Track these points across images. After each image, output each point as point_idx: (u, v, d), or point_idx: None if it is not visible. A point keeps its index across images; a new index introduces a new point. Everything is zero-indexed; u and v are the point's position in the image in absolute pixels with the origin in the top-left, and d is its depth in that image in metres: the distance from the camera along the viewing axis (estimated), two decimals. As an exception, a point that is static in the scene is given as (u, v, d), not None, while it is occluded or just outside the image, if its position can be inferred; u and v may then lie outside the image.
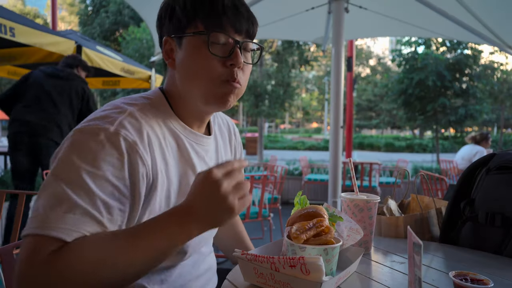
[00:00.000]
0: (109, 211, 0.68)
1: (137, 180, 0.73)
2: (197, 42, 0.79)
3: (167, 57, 0.84)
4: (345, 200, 1.00)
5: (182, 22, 0.80)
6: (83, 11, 33.03)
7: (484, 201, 1.10)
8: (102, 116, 0.74)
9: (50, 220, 0.63)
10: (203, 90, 0.81)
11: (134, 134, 0.73)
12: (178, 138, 0.84)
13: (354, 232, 0.94)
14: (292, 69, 13.07)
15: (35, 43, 3.25)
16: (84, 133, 0.71)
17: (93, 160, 0.68)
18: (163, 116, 0.83)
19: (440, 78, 10.95)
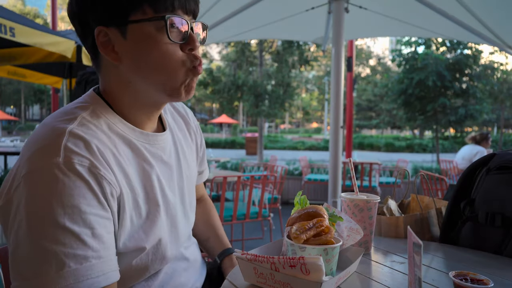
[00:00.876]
0: (101, 241, 0.65)
1: (110, 200, 0.68)
2: (148, 29, 0.69)
3: (105, 50, 0.71)
4: (345, 200, 1.00)
5: (124, 8, 0.68)
6: (83, 11, 33.01)
7: (484, 201, 1.10)
8: (41, 148, 0.65)
9: (48, 285, 0.59)
10: (165, 83, 0.73)
11: (86, 156, 0.65)
12: (129, 142, 0.76)
13: (354, 232, 0.93)
14: (292, 69, 13.07)
15: (35, 43, 3.25)
16: (34, 178, 0.62)
17: (61, 201, 0.61)
18: (106, 123, 0.74)
19: (440, 78, 10.95)
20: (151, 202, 0.78)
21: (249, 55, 13.28)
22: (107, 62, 0.74)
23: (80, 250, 0.61)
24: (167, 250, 0.83)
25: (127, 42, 0.71)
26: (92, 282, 0.62)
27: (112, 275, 0.66)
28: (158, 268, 0.85)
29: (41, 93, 37.33)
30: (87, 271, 0.62)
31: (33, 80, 5.84)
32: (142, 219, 0.77)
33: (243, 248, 3.45)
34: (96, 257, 0.63)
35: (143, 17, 0.69)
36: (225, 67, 15.58)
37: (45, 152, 0.64)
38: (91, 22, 0.71)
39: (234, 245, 3.91)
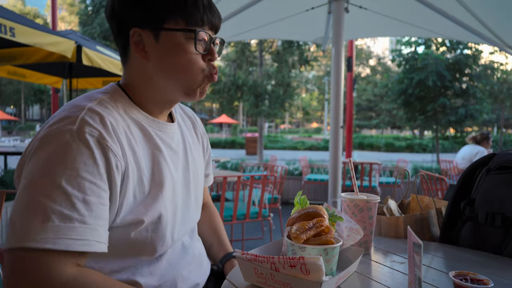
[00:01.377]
0: (90, 208, 0.68)
1: (113, 172, 0.73)
2: (179, 38, 0.81)
3: (137, 48, 0.82)
4: (345, 200, 1.00)
5: (160, 16, 0.79)
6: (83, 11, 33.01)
7: (484, 201, 1.10)
8: (62, 118, 0.73)
9: (30, 233, 0.63)
10: (185, 84, 0.84)
11: (98, 128, 0.73)
12: (142, 127, 0.85)
13: (354, 232, 0.94)
14: (292, 69, 13.08)
15: (35, 43, 3.25)
16: (48, 139, 0.70)
17: (64, 162, 0.67)
18: (123, 107, 0.83)
19: (440, 78, 10.95)
20: (155, 183, 0.83)
21: (249, 55, 13.29)
22: (135, 59, 0.84)
23: (67, 210, 0.66)
24: (167, 230, 0.85)
25: (158, 45, 0.81)
26: (69, 243, 0.65)
27: (93, 244, 0.68)
28: (160, 251, 0.86)
29: (41, 93, 37.33)
30: (68, 230, 0.65)
31: (33, 80, 5.84)
32: (145, 196, 0.81)
33: (243, 248, 3.45)
34: (80, 221, 0.67)
35: (176, 27, 0.80)
36: (225, 67, 15.58)
37: (64, 121, 0.72)
38: (128, 22, 0.81)
39: (234, 245, 3.91)
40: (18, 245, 0.64)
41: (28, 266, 0.64)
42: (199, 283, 0.98)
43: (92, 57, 4.09)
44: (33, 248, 0.63)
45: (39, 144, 0.71)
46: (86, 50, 3.98)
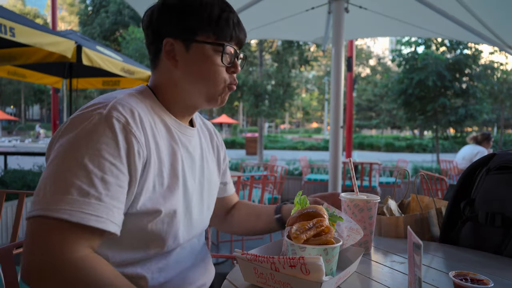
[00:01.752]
0: (107, 187, 0.72)
1: (133, 158, 0.77)
2: (208, 50, 0.88)
3: (168, 57, 0.89)
4: (345, 200, 1.00)
5: (194, 29, 0.87)
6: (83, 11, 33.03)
7: (484, 201, 1.10)
8: (94, 104, 0.80)
9: (49, 203, 0.67)
10: (208, 91, 0.91)
11: (125, 115, 0.78)
12: (165, 124, 0.90)
13: (354, 232, 0.94)
14: (292, 69, 13.07)
15: (35, 43, 3.25)
16: (78, 120, 0.76)
17: (89, 141, 0.72)
18: (150, 104, 0.89)
19: (440, 78, 10.94)
20: (174, 178, 0.88)
21: (249, 55, 13.28)
22: (164, 65, 0.91)
23: (85, 186, 0.70)
24: (180, 226, 0.89)
25: (189, 55, 0.89)
26: (83, 216, 0.68)
27: (106, 223, 0.71)
28: (171, 246, 0.89)
29: (41, 93, 37.33)
30: (83, 205, 0.69)
31: (33, 80, 5.84)
32: (163, 188, 0.85)
33: (243, 248, 3.45)
34: (97, 198, 0.70)
35: (207, 40, 0.88)
36: (225, 67, 15.45)
37: (96, 106, 0.79)
38: (163, 32, 0.89)
39: (234, 245, 3.91)
40: (37, 213, 0.68)
41: (44, 235, 0.67)
42: (205, 283, 1.01)
43: (92, 57, 4.09)
44: (50, 216, 0.67)
45: (69, 123, 0.76)
46: (86, 50, 3.98)
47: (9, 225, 3.59)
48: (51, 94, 7.78)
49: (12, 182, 4.19)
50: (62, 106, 15.08)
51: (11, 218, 3.60)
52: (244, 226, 1.21)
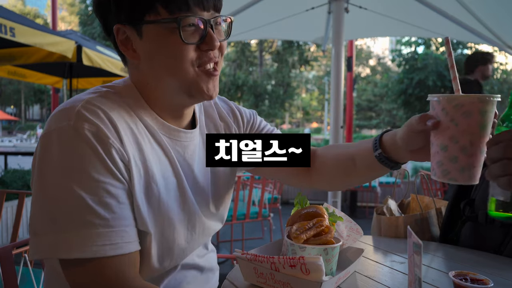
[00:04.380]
0: (110, 209, 0.64)
1: (120, 167, 0.67)
2: (162, 29, 0.68)
3: (125, 48, 0.72)
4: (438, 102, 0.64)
5: (137, 8, 0.67)
6: (83, 11, 33.05)
7: (484, 201, 1.10)
8: (58, 113, 0.67)
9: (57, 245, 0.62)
10: (181, 83, 0.71)
11: (95, 121, 0.65)
12: (151, 128, 0.74)
13: (354, 232, 0.94)
14: (292, 69, 13.09)
15: (35, 43, 3.25)
16: (48, 138, 0.65)
17: (69, 165, 0.63)
18: (130, 104, 0.73)
19: (440, 78, 10.96)
20: (167, 192, 0.75)
21: (249, 55, 13.29)
22: (129, 60, 0.75)
23: (88, 216, 0.62)
24: (176, 248, 0.78)
25: (143, 42, 0.70)
26: (96, 250, 0.62)
27: (123, 246, 0.65)
28: (167, 267, 0.80)
29: (41, 93, 37.32)
30: (93, 237, 0.62)
31: (33, 80, 5.84)
32: (156, 205, 0.73)
33: (243, 248, 3.45)
34: (104, 226, 0.63)
35: (157, 18, 0.67)
36: (225, 67, 15.59)
37: (60, 116, 0.66)
38: (110, 19, 0.71)
39: (234, 245, 3.91)
40: (44, 256, 0.63)
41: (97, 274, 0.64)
42: None
43: (92, 57, 4.09)
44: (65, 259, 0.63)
45: (40, 145, 0.66)
46: (86, 50, 3.98)
47: (9, 225, 3.59)
48: (51, 94, 7.78)
49: (12, 182, 4.18)
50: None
51: (11, 218, 3.60)
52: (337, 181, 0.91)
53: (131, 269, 0.67)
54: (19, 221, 1.71)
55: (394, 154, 0.74)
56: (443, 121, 0.62)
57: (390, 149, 0.74)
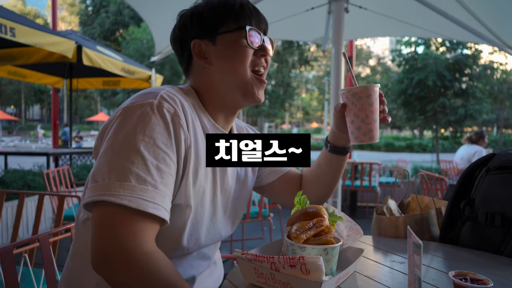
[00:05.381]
0: (162, 175, 0.74)
1: (181, 148, 0.80)
2: (233, 37, 0.89)
3: (199, 57, 0.91)
4: (343, 92, 0.94)
5: (213, 25, 0.90)
6: (83, 11, 33.05)
7: (484, 201, 1.10)
8: (144, 94, 0.82)
9: (110, 188, 0.70)
10: (240, 81, 0.90)
11: (173, 105, 0.80)
12: (204, 126, 0.90)
13: (354, 232, 0.94)
14: (292, 69, 13.09)
15: (35, 43, 3.25)
16: (131, 109, 0.78)
17: (143, 130, 0.75)
18: (192, 103, 0.90)
19: (440, 78, 10.94)
20: (206, 180, 0.88)
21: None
22: (198, 67, 0.93)
23: (143, 173, 0.72)
24: (203, 231, 0.90)
25: (217, 48, 0.90)
26: (142, 203, 0.70)
27: (161, 210, 0.73)
28: (192, 249, 0.90)
29: (41, 93, 37.32)
30: (141, 191, 0.71)
31: (33, 80, 5.84)
32: (196, 187, 0.85)
33: (243, 248, 3.45)
34: (153, 185, 0.73)
35: (228, 29, 0.89)
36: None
37: (146, 96, 0.81)
38: (188, 38, 0.92)
39: (234, 245, 3.91)
40: (98, 198, 0.70)
41: (114, 224, 0.69)
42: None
43: (93, 57, 4.10)
44: (111, 202, 0.69)
45: (122, 112, 0.79)
46: (86, 50, 3.99)
47: (9, 225, 3.59)
48: (51, 94, 7.79)
49: (12, 182, 4.18)
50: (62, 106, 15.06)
51: (11, 218, 3.61)
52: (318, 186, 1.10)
53: (152, 234, 0.73)
54: (19, 221, 1.71)
55: (338, 142, 1.03)
56: (348, 105, 0.92)
57: (335, 140, 1.03)
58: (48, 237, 1.25)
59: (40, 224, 1.67)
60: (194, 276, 0.94)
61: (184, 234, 0.85)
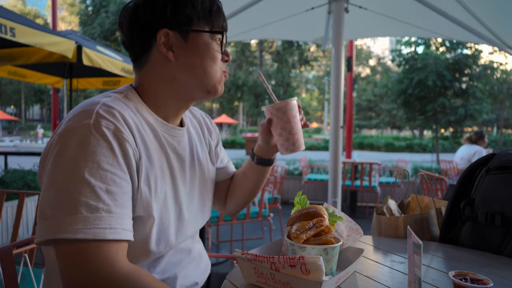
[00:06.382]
0: (114, 197, 0.72)
1: (131, 162, 0.77)
2: (206, 39, 0.87)
3: (164, 48, 0.85)
4: (268, 109, 0.97)
5: (190, 18, 0.85)
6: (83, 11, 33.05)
7: (483, 201, 1.10)
8: (78, 113, 0.77)
9: (62, 225, 0.67)
10: (208, 81, 0.89)
11: (112, 120, 0.76)
12: (152, 127, 0.88)
13: (354, 232, 0.94)
14: (292, 69, 13.09)
15: (35, 43, 3.25)
16: (68, 134, 0.73)
17: (84, 155, 0.71)
18: (135, 106, 0.86)
19: (440, 78, 10.94)
20: (163, 183, 0.86)
21: (249, 55, 13.30)
22: (156, 60, 0.87)
23: (93, 201, 0.69)
24: (171, 233, 0.88)
25: (187, 45, 0.86)
26: (98, 232, 0.68)
27: (120, 232, 0.72)
28: (163, 251, 0.88)
29: (41, 93, 37.32)
30: (95, 220, 0.69)
31: (34, 80, 5.84)
32: (152, 193, 0.83)
33: (243, 248, 3.45)
34: (106, 211, 0.70)
35: (203, 29, 0.87)
36: (225, 67, 15.52)
37: (81, 116, 0.75)
38: (154, 25, 0.85)
39: (234, 245, 3.91)
40: (50, 237, 0.67)
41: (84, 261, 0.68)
42: (198, 282, 1.00)
43: (93, 57, 4.09)
44: (66, 239, 0.67)
45: (59, 139, 0.74)
46: (86, 50, 3.98)
47: (9, 225, 3.59)
48: (51, 94, 7.78)
49: (12, 182, 4.19)
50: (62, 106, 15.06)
51: (11, 218, 3.61)
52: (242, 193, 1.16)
53: (122, 255, 0.72)
54: (19, 221, 1.71)
55: (264, 154, 1.07)
56: (273, 119, 0.97)
57: (261, 153, 1.07)
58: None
59: (40, 224, 1.66)
60: (176, 271, 0.93)
61: (151, 241, 0.83)
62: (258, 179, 1.12)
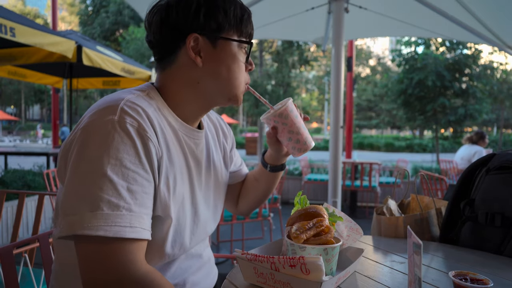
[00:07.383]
0: (135, 196, 0.72)
1: (153, 161, 0.76)
2: (234, 47, 0.87)
3: (192, 52, 0.85)
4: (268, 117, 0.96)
5: (221, 25, 0.85)
6: (83, 11, 33.07)
7: (483, 201, 1.10)
8: (103, 108, 0.76)
9: (82, 221, 0.67)
10: (231, 90, 0.89)
11: (137, 118, 0.75)
12: (172, 127, 0.87)
13: (354, 232, 0.94)
14: (292, 69, 13.10)
15: (35, 43, 3.25)
16: (91, 129, 0.73)
17: (108, 152, 0.70)
18: (157, 105, 0.85)
19: (440, 78, 10.95)
20: (182, 185, 0.86)
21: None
22: (182, 63, 0.87)
23: (114, 198, 0.69)
24: (186, 235, 0.88)
25: (215, 52, 0.86)
26: (118, 230, 0.68)
27: (140, 231, 0.71)
28: (177, 254, 0.88)
29: (41, 93, 37.31)
30: (116, 218, 0.68)
31: (34, 80, 5.84)
32: (171, 194, 0.82)
33: (243, 248, 3.45)
34: (127, 209, 0.70)
35: (232, 37, 0.87)
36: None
37: (105, 111, 0.74)
38: (185, 28, 0.84)
39: (234, 245, 3.91)
40: (71, 233, 0.67)
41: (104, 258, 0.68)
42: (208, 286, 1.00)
43: (93, 57, 4.09)
44: (88, 235, 0.67)
45: (82, 134, 0.73)
46: (86, 50, 3.98)
47: (9, 225, 3.59)
48: (51, 94, 7.78)
49: (12, 182, 4.19)
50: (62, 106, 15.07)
51: (11, 218, 3.61)
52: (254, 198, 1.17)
53: (141, 254, 0.73)
54: (19, 221, 1.71)
55: (276, 161, 1.08)
56: (278, 126, 0.97)
57: (273, 161, 1.08)
58: (48, 237, 1.25)
59: (40, 224, 1.66)
60: (185, 278, 0.92)
61: (167, 242, 0.83)
62: (271, 182, 1.13)
